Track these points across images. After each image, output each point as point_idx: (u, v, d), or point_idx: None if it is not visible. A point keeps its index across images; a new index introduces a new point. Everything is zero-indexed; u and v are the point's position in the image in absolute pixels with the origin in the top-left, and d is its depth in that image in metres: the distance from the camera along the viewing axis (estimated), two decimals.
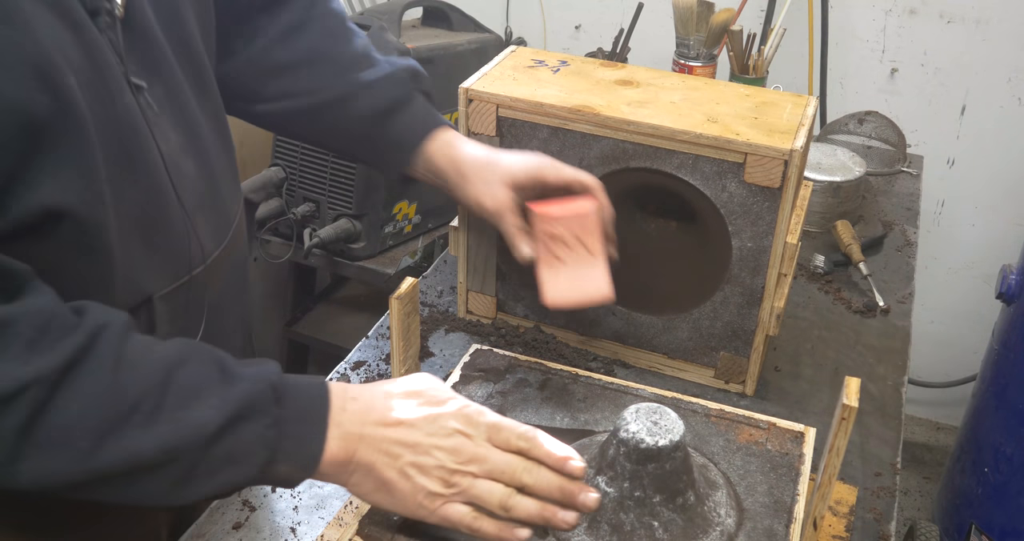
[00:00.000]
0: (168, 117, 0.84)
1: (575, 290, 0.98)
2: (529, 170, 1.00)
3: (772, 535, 0.82)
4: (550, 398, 0.99)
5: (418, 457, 0.75)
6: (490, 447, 0.76)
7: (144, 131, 0.79)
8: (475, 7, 2.11)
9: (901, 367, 1.21)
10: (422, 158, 1.05)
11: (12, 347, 0.65)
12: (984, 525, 1.90)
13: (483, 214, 1.02)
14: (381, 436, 0.75)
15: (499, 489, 0.75)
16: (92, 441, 0.66)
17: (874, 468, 1.04)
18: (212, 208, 0.92)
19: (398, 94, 1.05)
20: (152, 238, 0.83)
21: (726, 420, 0.96)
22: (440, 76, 1.79)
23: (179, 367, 0.70)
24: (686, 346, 1.14)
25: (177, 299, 0.88)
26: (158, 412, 0.68)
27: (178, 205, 0.85)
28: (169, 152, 0.83)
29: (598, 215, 0.99)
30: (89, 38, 0.73)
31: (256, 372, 0.73)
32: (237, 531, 0.93)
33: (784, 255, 1.03)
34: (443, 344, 1.21)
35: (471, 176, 1.02)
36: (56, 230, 0.72)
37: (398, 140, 1.05)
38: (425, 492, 0.75)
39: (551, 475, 0.76)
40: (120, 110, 0.76)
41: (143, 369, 0.69)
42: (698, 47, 1.75)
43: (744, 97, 1.08)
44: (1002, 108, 2.13)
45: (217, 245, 0.93)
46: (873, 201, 1.66)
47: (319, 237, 1.79)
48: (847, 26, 2.16)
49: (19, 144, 0.68)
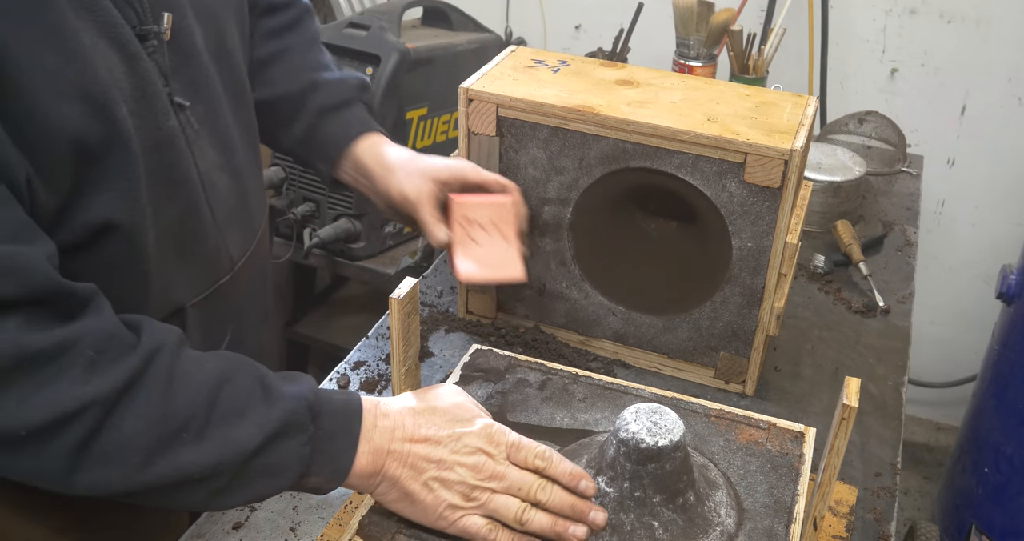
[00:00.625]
0: (207, 135, 0.90)
1: (488, 267, 1.03)
2: (451, 168, 1.06)
3: (772, 535, 0.82)
4: (550, 398, 0.99)
5: (442, 472, 0.80)
6: (509, 465, 0.81)
7: (184, 150, 0.85)
8: (475, 7, 2.11)
9: (901, 367, 1.21)
10: (351, 157, 1.11)
11: (74, 368, 0.69)
12: (984, 525, 1.89)
13: (404, 204, 1.05)
14: (408, 451, 0.80)
15: (515, 504, 0.80)
16: (143, 457, 0.71)
17: (874, 468, 1.04)
18: (241, 221, 0.98)
19: (345, 96, 1.12)
20: (186, 251, 0.89)
21: (726, 420, 0.96)
22: (440, 76, 1.79)
23: (225, 385, 0.75)
24: (686, 346, 1.14)
25: (207, 307, 0.94)
26: (204, 430, 0.73)
27: (211, 220, 0.91)
28: (206, 169, 0.89)
29: (515, 210, 1.05)
30: (142, 69, 0.79)
31: (295, 391, 0.77)
32: (237, 531, 0.93)
33: (784, 255, 1.03)
34: (443, 344, 1.21)
35: (396, 169, 1.06)
36: (104, 244, 0.79)
37: (333, 138, 1.11)
38: (447, 504, 0.80)
39: (564, 493, 0.81)
40: (164, 132, 0.82)
41: (192, 388, 0.74)
42: (698, 47, 1.75)
43: (744, 97, 1.08)
44: (1002, 108, 2.13)
45: (243, 254, 0.99)
46: (873, 201, 1.66)
47: (319, 237, 1.79)
48: (847, 26, 2.16)
49: (76, 168, 0.74)
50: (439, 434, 0.81)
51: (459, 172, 1.05)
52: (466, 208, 1.04)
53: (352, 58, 1.75)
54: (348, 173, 1.12)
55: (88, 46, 0.73)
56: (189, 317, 0.92)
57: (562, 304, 1.18)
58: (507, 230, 1.04)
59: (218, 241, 0.94)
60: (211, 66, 0.90)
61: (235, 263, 0.98)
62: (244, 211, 0.99)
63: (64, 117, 0.72)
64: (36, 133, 0.71)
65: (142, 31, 0.80)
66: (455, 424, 0.82)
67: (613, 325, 1.17)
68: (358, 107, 1.14)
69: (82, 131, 0.73)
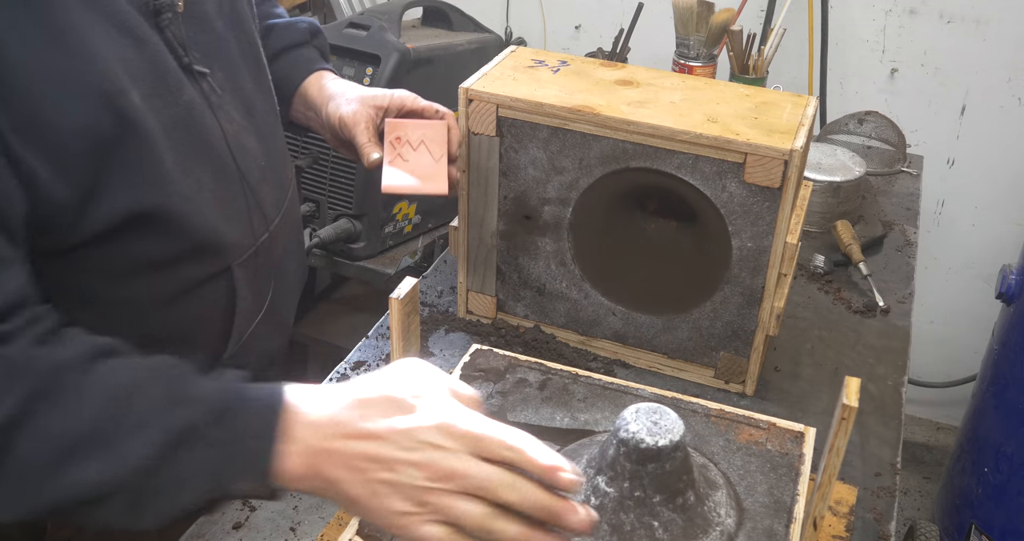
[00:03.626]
0: (230, 99, 0.93)
1: (412, 180, 1.05)
2: (390, 96, 1.08)
3: (772, 535, 0.82)
4: (550, 398, 0.99)
5: (387, 474, 0.67)
6: (470, 460, 0.67)
7: (208, 116, 0.88)
8: (475, 7, 2.11)
9: (901, 367, 1.21)
10: (300, 95, 1.14)
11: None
12: (984, 525, 1.89)
13: (342, 129, 1.08)
14: (349, 451, 0.68)
15: (478, 511, 0.66)
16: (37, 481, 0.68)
17: (874, 468, 1.04)
18: (272, 180, 1.01)
19: (297, 39, 1.17)
20: (226, 214, 0.91)
21: (726, 420, 0.96)
22: (440, 76, 1.79)
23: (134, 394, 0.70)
24: (686, 346, 1.14)
25: (251, 266, 0.98)
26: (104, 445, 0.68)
27: (240, 180, 0.93)
28: (233, 132, 0.92)
29: (447, 132, 1.07)
30: (152, 52, 0.82)
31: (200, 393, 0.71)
32: (237, 531, 0.93)
33: (784, 255, 1.03)
34: (443, 344, 1.21)
35: (337, 96, 1.10)
36: (147, 225, 0.82)
37: (285, 78, 1.14)
38: (396, 512, 0.67)
39: (538, 492, 0.67)
40: (184, 105, 0.85)
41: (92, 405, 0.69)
42: (698, 47, 1.75)
43: (744, 97, 1.08)
44: (1002, 108, 2.13)
45: (277, 212, 1.02)
46: (873, 201, 1.66)
47: (319, 237, 1.79)
48: (847, 26, 2.16)
49: (93, 162, 0.76)
50: (384, 428, 0.67)
51: (398, 100, 1.08)
52: (398, 128, 1.07)
53: (352, 58, 1.75)
54: (299, 111, 1.15)
55: (94, 38, 0.75)
56: (236, 274, 0.95)
57: (562, 304, 1.19)
58: (436, 149, 1.06)
59: (252, 201, 0.96)
60: (226, 32, 0.94)
61: (271, 221, 1.01)
62: (273, 170, 1.01)
63: (73, 114, 0.73)
64: (47, 133, 0.72)
65: (156, 5, 0.83)
66: (404, 415, 0.68)
67: (613, 325, 1.17)
68: (308, 49, 1.17)
69: (93, 124, 0.74)
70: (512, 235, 1.17)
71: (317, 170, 1.82)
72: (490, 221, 1.17)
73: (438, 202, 1.93)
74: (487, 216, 1.16)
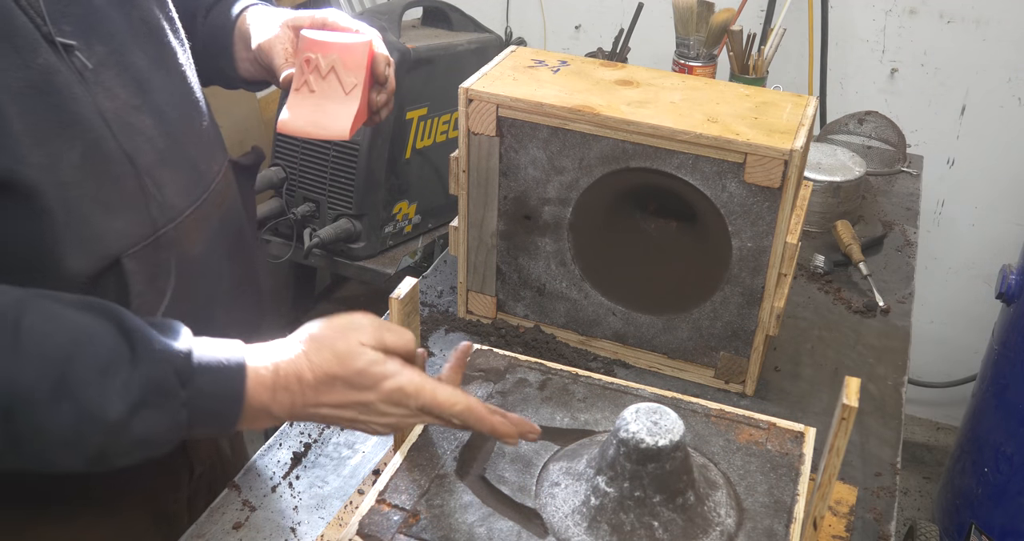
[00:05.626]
0: (113, 75, 0.85)
1: (311, 122, 0.96)
2: (313, 15, 1.02)
3: (772, 535, 0.82)
4: (550, 398, 0.99)
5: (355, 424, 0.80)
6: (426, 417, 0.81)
7: (76, 90, 0.81)
8: (475, 7, 2.11)
9: (901, 367, 1.21)
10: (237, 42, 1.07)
11: None
12: (984, 525, 1.89)
13: (263, 56, 1.02)
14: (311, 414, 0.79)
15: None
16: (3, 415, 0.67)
17: (874, 468, 1.04)
18: (178, 166, 0.92)
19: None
20: (103, 197, 0.83)
21: (726, 420, 0.96)
22: (440, 76, 1.79)
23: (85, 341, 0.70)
24: (686, 346, 1.14)
25: (149, 258, 0.88)
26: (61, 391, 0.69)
27: (126, 162, 0.85)
28: (115, 109, 0.84)
29: (366, 55, 0.97)
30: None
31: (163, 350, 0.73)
32: (237, 531, 0.93)
33: (784, 255, 1.03)
34: (443, 344, 1.21)
35: (258, 23, 1.04)
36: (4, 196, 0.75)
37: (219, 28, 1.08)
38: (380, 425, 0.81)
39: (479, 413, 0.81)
40: (38, 69, 0.78)
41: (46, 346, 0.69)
42: (698, 47, 1.75)
43: (744, 97, 1.08)
44: (1002, 108, 2.13)
45: (189, 203, 0.93)
46: (873, 201, 1.66)
47: (319, 237, 1.79)
48: (847, 26, 2.16)
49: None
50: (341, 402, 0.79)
51: (320, 19, 1.02)
52: (310, 45, 0.95)
53: None
54: (243, 60, 1.08)
55: None
56: (128, 268, 0.86)
57: (562, 304, 1.19)
58: (349, 78, 0.95)
59: (142, 185, 0.87)
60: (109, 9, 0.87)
61: (178, 212, 0.91)
62: (179, 154, 0.92)
63: None
64: None
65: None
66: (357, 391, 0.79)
67: (613, 325, 1.17)
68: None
69: None
70: (512, 235, 1.17)
71: (317, 170, 1.82)
72: (490, 221, 1.17)
73: (438, 202, 1.93)
74: (487, 216, 1.16)
